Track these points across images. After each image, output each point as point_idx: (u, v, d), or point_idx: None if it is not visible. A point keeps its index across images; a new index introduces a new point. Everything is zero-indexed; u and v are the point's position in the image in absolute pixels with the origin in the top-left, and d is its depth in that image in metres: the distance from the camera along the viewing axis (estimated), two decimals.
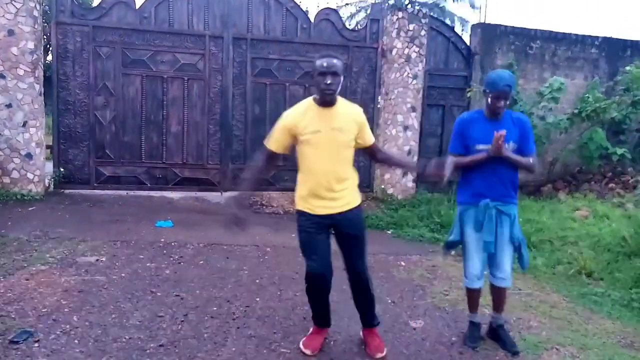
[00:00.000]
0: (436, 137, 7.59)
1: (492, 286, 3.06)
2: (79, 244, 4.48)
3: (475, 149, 2.91)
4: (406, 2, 20.76)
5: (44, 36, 6.42)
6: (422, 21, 7.02)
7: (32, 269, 3.78)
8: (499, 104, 2.82)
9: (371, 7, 7.57)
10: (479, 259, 2.97)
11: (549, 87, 7.02)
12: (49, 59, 8.30)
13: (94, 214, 5.60)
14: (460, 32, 14.29)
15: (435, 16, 8.35)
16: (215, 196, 6.80)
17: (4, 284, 3.44)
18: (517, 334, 3.23)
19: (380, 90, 7.21)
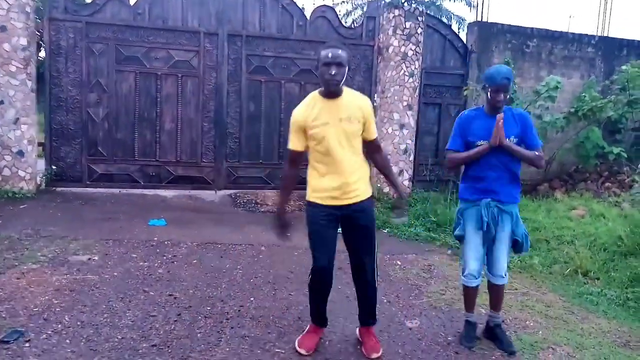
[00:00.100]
0: (432, 136, 7.58)
1: (489, 284, 3.07)
2: (70, 242, 4.44)
3: (476, 145, 2.92)
4: (403, 0, 20.77)
5: (37, 32, 6.33)
6: (419, 19, 6.99)
7: (23, 267, 3.75)
8: (499, 97, 2.83)
9: (367, 4, 7.55)
10: (477, 258, 2.98)
11: (546, 85, 7.00)
12: (42, 55, 8.22)
13: (86, 212, 5.55)
14: (457, 31, 14.30)
15: (431, 14, 8.32)
16: (209, 194, 6.75)
17: None
18: (513, 333, 3.24)
19: (376, 88, 7.18)
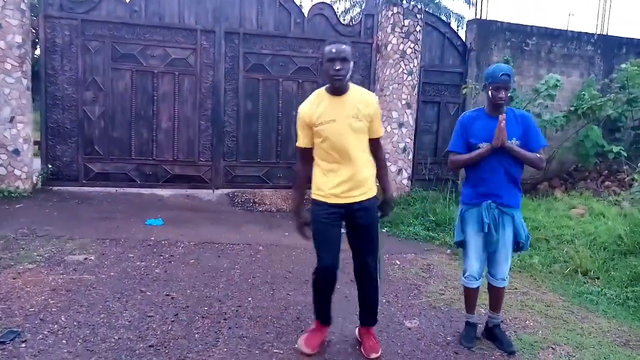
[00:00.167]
0: (431, 134, 7.55)
1: (490, 286, 3.06)
2: (67, 242, 4.41)
3: (477, 147, 2.90)
4: None
5: (32, 30, 6.28)
6: (418, 17, 6.96)
7: (19, 267, 3.72)
8: (500, 94, 2.81)
9: (366, 2, 7.49)
10: (478, 259, 2.97)
11: (545, 84, 6.98)
12: (37, 53, 8.16)
13: (83, 212, 5.52)
14: (456, 28, 14.25)
15: (430, 12, 8.29)
16: (206, 193, 6.73)
17: None
18: (513, 333, 3.23)
19: (374, 86, 7.14)
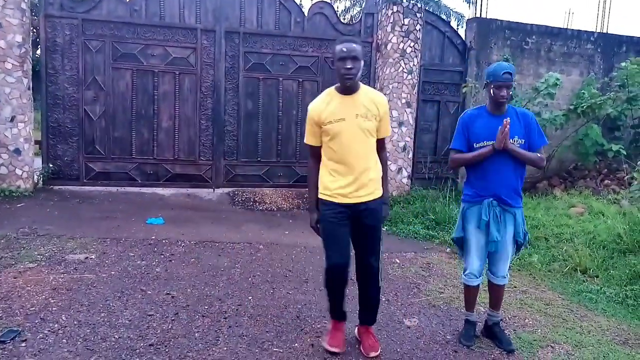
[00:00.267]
0: (431, 133, 7.55)
1: (490, 284, 3.07)
2: (67, 241, 4.42)
3: (479, 145, 2.90)
4: None
5: (33, 29, 6.29)
6: (417, 15, 6.96)
7: (20, 266, 3.73)
8: (502, 93, 2.82)
9: (366, 0, 7.48)
10: (479, 257, 2.97)
11: (545, 82, 6.98)
12: (38, 52, 8.17)
13: (84, 211, 5.53)
14: (455, 27, 14.22)
15: (430, 10, 8.28)
16: (207, 193, 6.74)
17: None
18: (512, 331, 3.23)
19: (375, 85, 7.14)
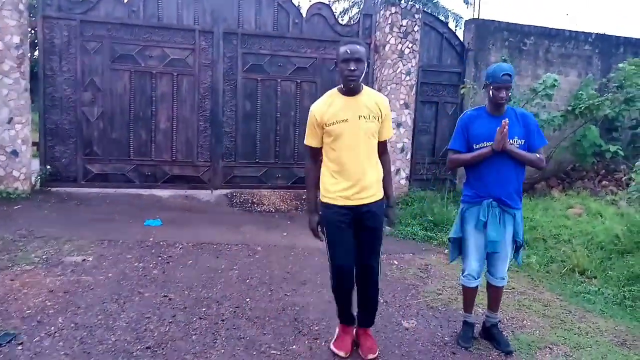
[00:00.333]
0: (429, 134, 7.55)
1: (489, 285, 3.07)
2: (65, 243, 4.41)
3: (478, 146, 2.90)
4: None
5: (31, 30, 6.27)
6: (416, 16, 6.96)
7: (17, 269, 3.72)
8: (501, 94, 2.82)
9: (364, 2, 7.48)
10: (478, 258, 2.97)
11: (543, 83, 6.99)
12: (36, 54, 8.16)
13: (81, 213, 5.52)
14: (454, 28, 14.27)
15: (428, 12, 8.30)
16: (205, 194, 6.72)
17: None
18: (510, 333, 3.23)
19: (373, 86, 7.14)
